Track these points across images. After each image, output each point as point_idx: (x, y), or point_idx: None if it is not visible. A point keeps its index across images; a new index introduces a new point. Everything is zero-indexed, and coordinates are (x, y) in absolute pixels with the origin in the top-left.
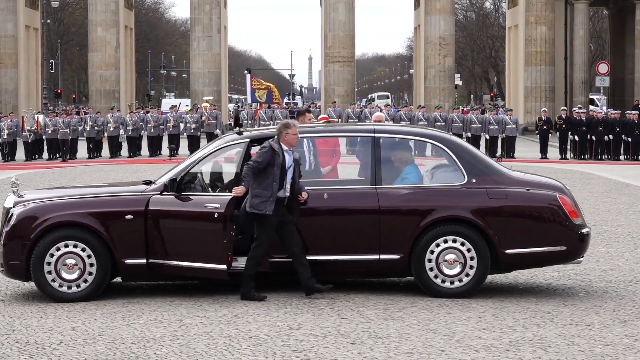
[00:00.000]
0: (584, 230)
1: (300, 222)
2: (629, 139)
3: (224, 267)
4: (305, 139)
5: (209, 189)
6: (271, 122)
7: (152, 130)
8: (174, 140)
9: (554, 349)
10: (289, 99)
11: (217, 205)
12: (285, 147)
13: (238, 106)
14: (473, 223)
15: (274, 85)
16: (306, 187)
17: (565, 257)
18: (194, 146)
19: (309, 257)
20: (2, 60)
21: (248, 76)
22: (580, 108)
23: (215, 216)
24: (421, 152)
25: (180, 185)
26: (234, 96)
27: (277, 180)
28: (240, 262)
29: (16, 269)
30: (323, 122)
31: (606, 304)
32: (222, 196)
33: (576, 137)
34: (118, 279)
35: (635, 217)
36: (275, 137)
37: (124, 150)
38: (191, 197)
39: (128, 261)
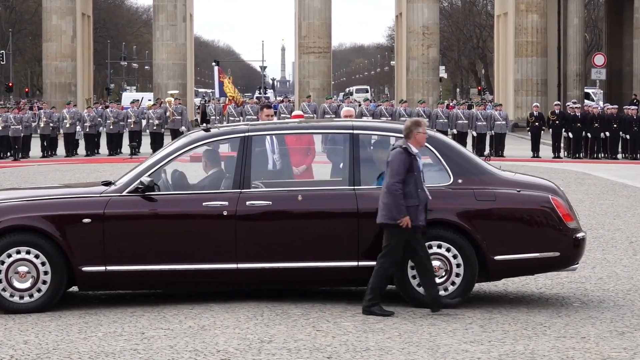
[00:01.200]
0: (579, 235)
1: (271, 226)
2: (627, 136)
3: (234, 265)
4: (272, 136)
5: (174, 190)
6: (241, 117)
7: (112, 127)
8: (136, 138)
9: None
10: (260, 93)
11: (226, 203)
12: (414, 149)
13: (205, 101)
14: (459, 227)
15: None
16: (277, 189)
17: (559, 263)
18: (157, 144)
19: (280, 264)
20: None
21: (216, 68)
22: (574, 103)
23: (225, 214)
24: None
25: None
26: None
27: (421, 186)
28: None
29: None
30: (298, 120)
31: (603, 314)
32: (218, 192)
33: (570, 134)
34: (74, 288)
35: (634, 220)
36: (403, 137)
37: (81, 149)
38: (160, 197)
39: (85, 269)
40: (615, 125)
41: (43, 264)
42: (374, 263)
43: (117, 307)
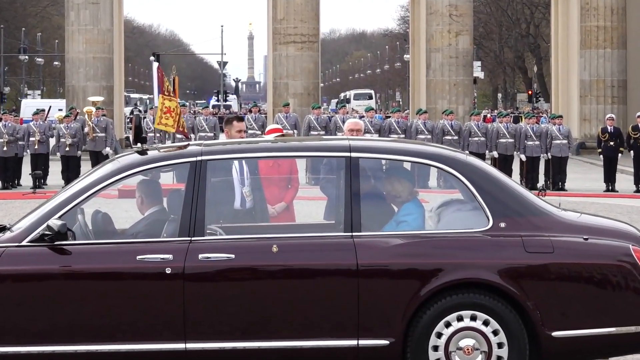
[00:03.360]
0: None
1: (233, 290)
2: None
3: (181, 345)
4: (240, 161)
5: (95, 238)
6: (192, 134)
7: (5, 149)
8: (41, 164)
9: None
10: (218, 100)
11: (169, 257)
12: None
13: (139, 110)
14: (501, 290)
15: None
16: (247, 235)
17: None
18: (71, 172)
19: (246, 344)
20: None
21: (155, 65)
22: None
23: (168, 272)
24: (422, 181)
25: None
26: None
27: None
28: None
29: None
30: (275, 136)
31: None
32: (159, 242)
33: None
34: None
35: None
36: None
37: None
38: (75, 248)
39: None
40: None
41: None
42: (380, 342)
43: None
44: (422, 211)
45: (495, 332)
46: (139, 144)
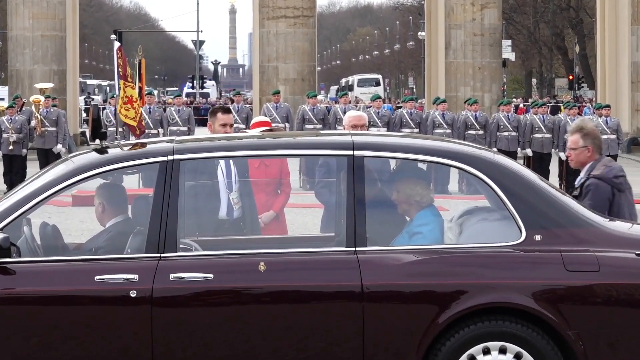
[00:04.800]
0: None
1: (211, 317)
2: None
3: None
4: (221, 161)
5: (45, 255)
6: (160, 128)
7: None
8: None
9: None
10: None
11: (134, 277)
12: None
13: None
14: (537, 317)
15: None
16: (229, 250)
17: None
18: (15, 175)
19: None
20: None
21: (116, 45)
22: None
23: (133, 296)
24: (440, 186)
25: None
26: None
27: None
28: None
29: None
30: (261, 131)
31: None
32: (122, 259)
33: None
34: None
35: None
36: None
37: None
38: (20, 267)
39: None
40: None
41: None
42: None
43: None
44: (440, 221)
45: None
46: (97, 141)
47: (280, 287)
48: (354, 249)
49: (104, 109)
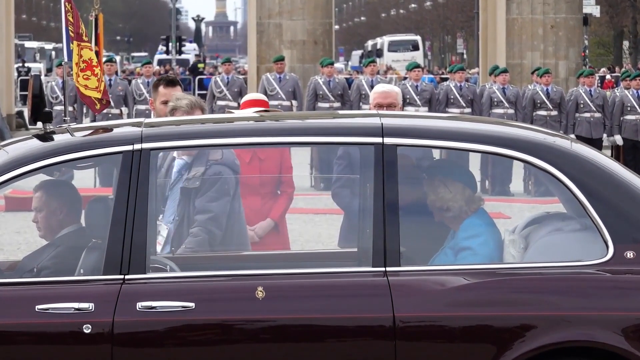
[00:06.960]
0: None
1: (198, 357)
2: None
3: None
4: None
5: None
6: (123, 107)
7: None
8: None
9: None
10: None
11: (89, 306)
12: None
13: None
14: (629, 359)
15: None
16: (216, 271)
17: None
18: None
19: None
20: None
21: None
22: None
23: (87, 332)
24: (499, 184)
25: None
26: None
27: None
28: None
29: None
30: (256, 111)
31: None
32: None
33: None
34: None
35: None
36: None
37: None
38: None
39: None
40: None
41: None
42: None
43: None
44: (495, 231)
45: None
46: (39, 124)
47: (284, 320)
48: (383, 269)
49: (48, 82)
